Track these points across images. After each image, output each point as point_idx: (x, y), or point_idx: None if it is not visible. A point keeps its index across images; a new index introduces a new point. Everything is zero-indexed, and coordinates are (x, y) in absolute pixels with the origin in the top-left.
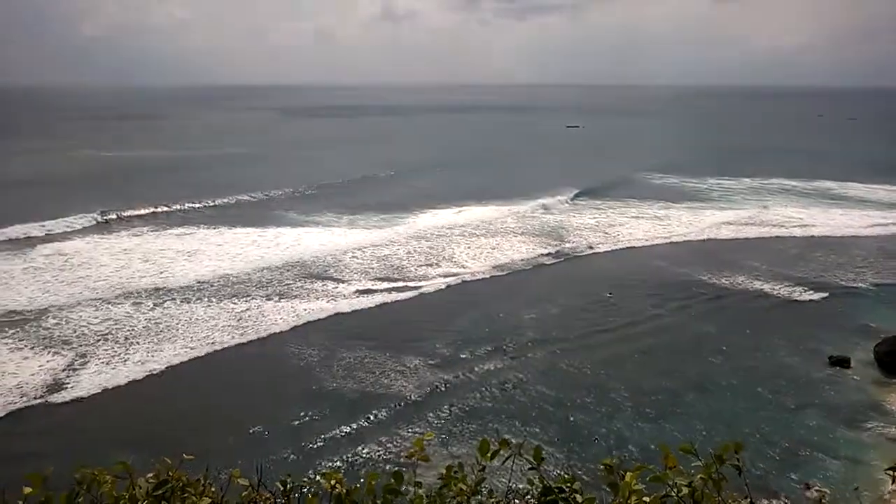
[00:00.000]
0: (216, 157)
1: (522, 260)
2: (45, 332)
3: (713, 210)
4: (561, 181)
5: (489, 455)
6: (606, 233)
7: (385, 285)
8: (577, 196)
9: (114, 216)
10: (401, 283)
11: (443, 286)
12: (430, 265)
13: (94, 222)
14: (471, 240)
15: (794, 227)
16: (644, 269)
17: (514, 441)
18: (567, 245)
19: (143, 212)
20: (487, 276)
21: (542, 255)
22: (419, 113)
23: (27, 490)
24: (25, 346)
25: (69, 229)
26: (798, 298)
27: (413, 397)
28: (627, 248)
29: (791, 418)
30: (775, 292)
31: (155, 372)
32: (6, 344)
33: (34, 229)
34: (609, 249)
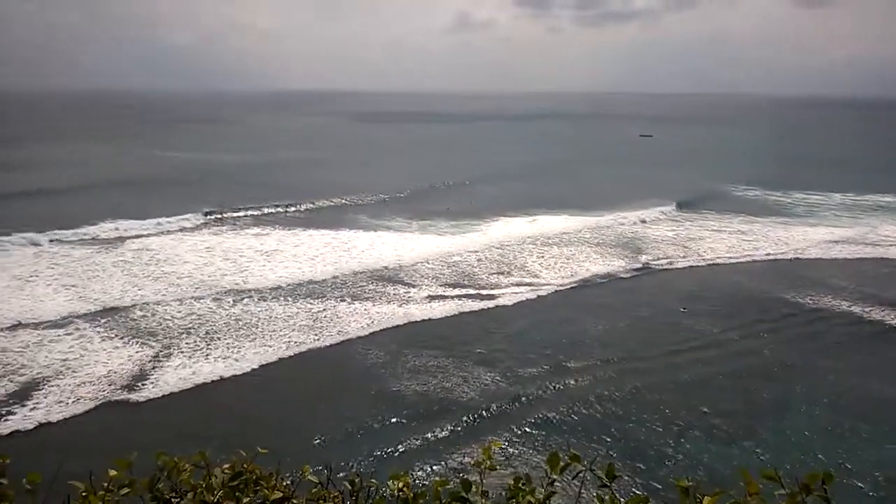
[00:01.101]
0: (291, 161)
1: (597, 272)
2: (132, 323)
3: (801, 226)
4: (635, 191)
5: (559, 469)
6: (686, 246)
7: (456, 292)
8: (653, 206)
9: (197, 216)
10: (472, 291)
11: (514, 296)
12: (502, 273)
13: (179, 221)
14: (543, 249)
15: (892, 246)
16: (724, 285)
17: (582, 456)
18: (643, 258)
19: (223, 212)
20: (560, 287)
21: (618, 267)
22: (490, 120)
23: (112, 473)
24: (115, 335)
25: (155, 227)
26: (894, 324)
27: (480, 407)
28: (707, 263)
29: (882, 453)
30: (869, 317)
31: (234, 368)
32: (98, 332)
33: (123, 226)
34: (688, 265)
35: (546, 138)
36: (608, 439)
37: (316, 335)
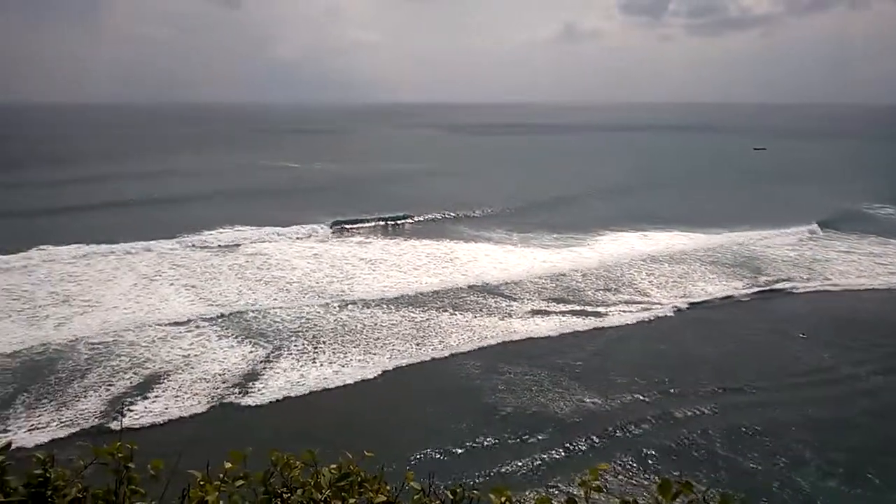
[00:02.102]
0: (394, 172)
1: (712, 293)
2: (245, 324)
3: None
4: (751, 207)
5: (671, 496)
6: (810, 268)
7: (561, 308)
8: (771, 224)
9: (310, 226)
10: (577, 307)
11: (623, 315)
12: (609, 290)
13: (291, 228)
14: (654, 266)
15: None
16: (854, 313)
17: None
18: (763, 279)
19: (335, 222)
20: (672, 307)
21: (734, 288)
22: (597, 131)
23: (228, 465)
24: (230, 335)
25: (268, 234)
26: None
27: (584, 430)
28: (835, 287)
29: None
30: None
31: (340, 375)
32: (215, 331)
33: (237, 232)
34: (813, 289)
35: (655, 150)
36: (717, 470)
37: (418, 344)
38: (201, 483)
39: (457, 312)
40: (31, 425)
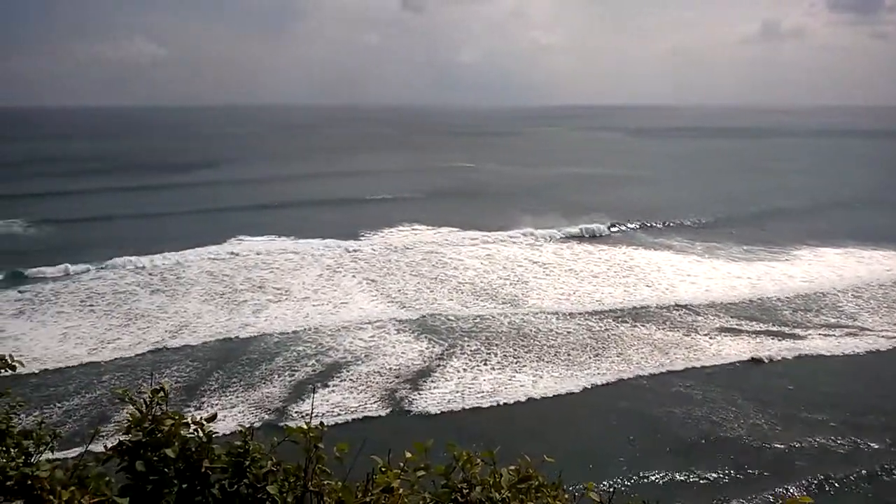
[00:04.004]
0: (571, 176)
1: None
2: (421, 319)
3: None
4: None
5: None
6: None
7: (752, 326)
8: None
9: (478, 225)
10: (772, 328)
11: (824, 340)
12: (809, 311)
13: (463, 232)
14: (861, 288)
15: None
16: None
17: None
18: None
19: (501, 223)
20: (885, 335)
21: None
22: (797, 137)
23: (409, 455)
24: (408, 329)
25: (442, 233)
26: None
27: (777, 469)
28: None
29: None
30: None
31: (512, 378)
32: (393, 325)
33: (415, 231)
34: None
35: (865, 158)
36: None
37: (596, 355)
38: (382, 469)
39: (637, 324)
40: (221, 405)
